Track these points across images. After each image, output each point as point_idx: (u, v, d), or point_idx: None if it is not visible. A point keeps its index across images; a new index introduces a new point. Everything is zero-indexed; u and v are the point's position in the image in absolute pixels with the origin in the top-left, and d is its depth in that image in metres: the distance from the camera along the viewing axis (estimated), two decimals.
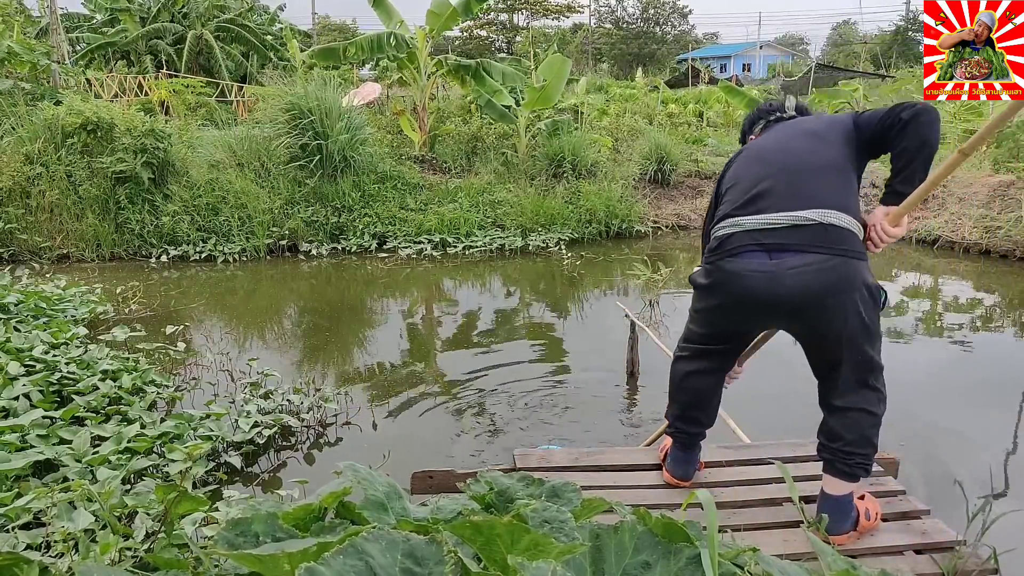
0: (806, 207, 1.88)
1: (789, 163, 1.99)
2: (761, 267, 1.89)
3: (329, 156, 8.30)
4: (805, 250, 1.85)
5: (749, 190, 1.99)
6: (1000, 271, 7.07)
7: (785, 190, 1.93)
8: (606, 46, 45.05)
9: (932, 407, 3.80)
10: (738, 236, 1.95)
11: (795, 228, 1.87)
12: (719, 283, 2.01)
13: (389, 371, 4.39)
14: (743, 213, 1.96)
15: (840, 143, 2.00)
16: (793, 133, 2.10)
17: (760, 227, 1.91)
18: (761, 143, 2.17)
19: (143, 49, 19.11)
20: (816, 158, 1.97)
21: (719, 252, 2.00)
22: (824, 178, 1.94)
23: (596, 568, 0.99)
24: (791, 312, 1.94)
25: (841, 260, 1.85)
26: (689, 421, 2.32)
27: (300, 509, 1.06)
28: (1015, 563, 2.06)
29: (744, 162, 2.13)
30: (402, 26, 9.75)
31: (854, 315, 1.88)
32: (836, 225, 1.86)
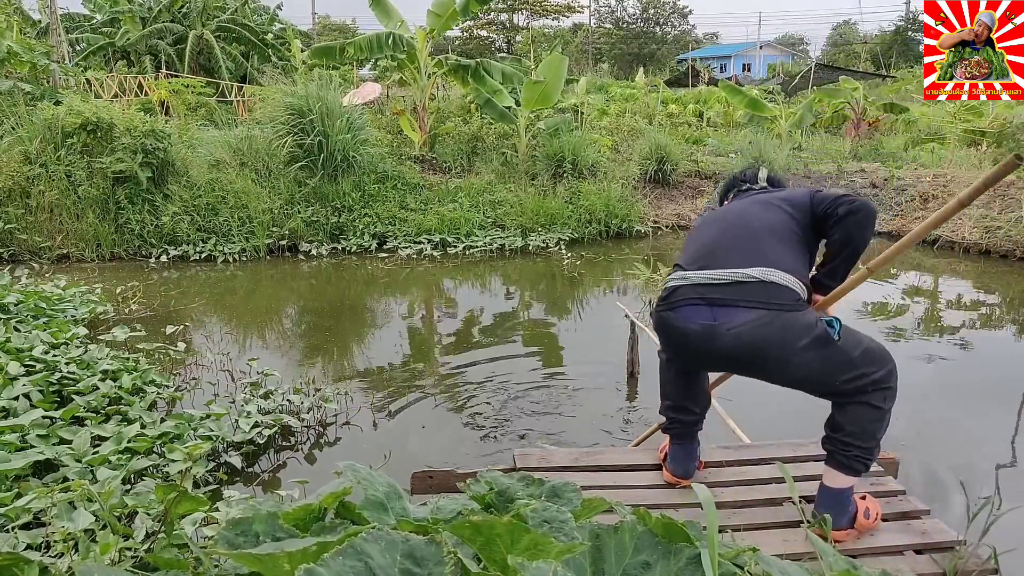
0: (750, 265, 1.98)
1: (741, 226, 2.12)
2: (702, 324, 1.99)
3: (329, 156, 8.30)
4: (745, 306, 1.94)
5: (700, 248, 2.14)
6: (1000, 271, 7.07)
7: (732, 249, 2.05)
8: (606, 46, 45.06)
9: (932, 407, 3.80)
10: (683, 289, 2.06)
11: (737, 284, 1.97)
12: (665, 335, 2.17)
13: (389, 371, 4.39)
14: (691, 268, 2.09)
15: (793, 213, 2.12)
16: (753, 201, 2.24)
17: (704, 282, 2.01)
18: (724, 209, 2.33)
19: (143, 49, 19.12)
20: (766, 223, 2.10)
21: (665, 304, 2.11)
22: (771, 240, 2.04)
23: (596, 568, 0.99)
24: (736, 365, 2.09)
25: (777, 315, 1.92)
26: (680, 410, 2.36)
27: (300, 509, 1.06)
28: (1015, 563, 2.06)
29: (704, 222, 2.30)
30: (402, 26, 9.75)
31: (803, 361, 1.94)
32: (776, 283, 1.94)
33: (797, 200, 2.16)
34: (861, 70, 21.97)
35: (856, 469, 2.05)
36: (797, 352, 1.91)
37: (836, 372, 1.97)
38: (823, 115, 14.79)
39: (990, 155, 10.30)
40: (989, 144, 10.80)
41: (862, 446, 2.03)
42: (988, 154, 10.46)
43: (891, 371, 2.07)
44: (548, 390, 4.03)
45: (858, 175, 10.23)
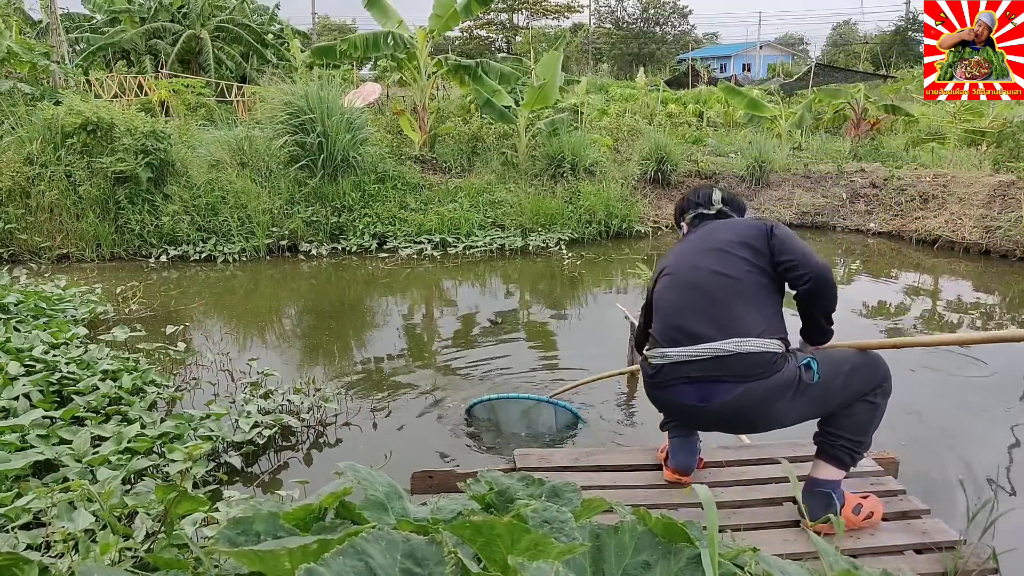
0: (725, 335, 2.01)
1: (706, 289, 2.11)
2: (691, 403, 2.08)
3: (329, 156, 8.30)
4: (726, 380, 2.00)
5: (671, 316, 2.16)
6: (1000, 271, 7.07)
7: (703, 319, 2.07)
8: (606, 46, 45.06)
9: (932, 407, 3.80)
10: (667, 369, 2.11)
11: (714, 360, 2.01)
12: (659, 406, 2.27)
13: (389, 371, 4.39)
14: (667, 343, 2.12)
15: (755, 260, 2.12)
16: (709, 248, 2.20)
17: (683, 359, 2.06)
18: (683, 259, 2.26)
19: (143, 49, 19.11)
20: (729, 284, 2.09)
21: (653, 382, 2.18)
22: (737, 305, 2.06)
23: (596, 568, 0.99)
24: (733, 428, 2.23)
25: (759, 383, 1.98)
26: None
27: (301, 509, 1.06)
28: (1015, 563, 2.06)
29: (668, 283, 2.26)
30: (401, 26, 9.75)
31: (792, 410, 2.03)
32: (752, 352, 1.99)
33: (755, 245, 2.14)
34: (861, 70, 21.96)
35: (844, 462, 2.09)
36: (784, 406, 2.01)
37: (828, 402, 2.06)
38: (823, 115, 14.80)
39: (990, 155, 10.30)
40: (989, 144, 10.80)
41: (852, 439, 2.07)
42: (988, 154, 10.46)
43: (883, 374, 2.10)
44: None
45: (858, 175, 10.23)
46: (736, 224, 2.28)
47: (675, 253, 2.36)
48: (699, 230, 2.34)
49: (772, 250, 2.11)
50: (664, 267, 2.33)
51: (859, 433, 2.06)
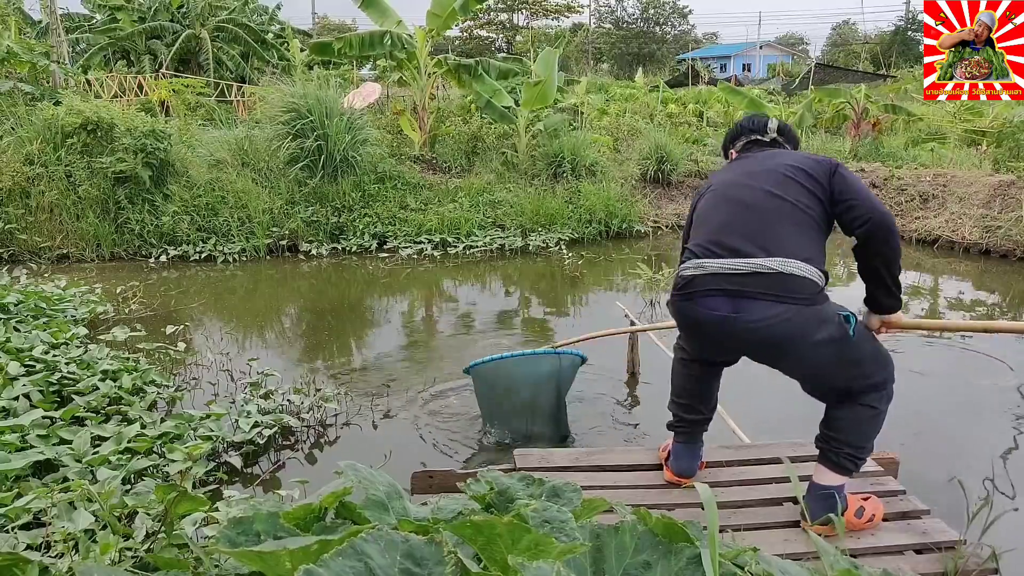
0: (768, 255, 1.91)
1: (756, 206, 2.00)
2: (723, 315, 1.94)
3: (329, 156, 8.30)
4: (765, 299, 1.88)
5: (714, 231, 2.03)
6: (1000, 271, 7.07)
7: (749, 235, 1.96)
8: (606, 46, 45.06)
9: (933, 407, 3.80)
10: (700, 279, 1.99)
11: (756, 275, 1.89)
12: (683, 322, 2.13)
13: (390, 371, 4.39)
14: (706, 255, 2.00)
15: (813, 190, 2.00)
16: (767, 170, 2.08)
17: (722, 271, 1.94)
18: (733, 178, 2.15)
19: (142, 49, 19.11)
20: (782, 206, 1.98)
21: (682, 293, 2.05)
22: (787, 226, 1.96)
23: (597, 568, 0.99)
24: (753, 354, 2.06)
25: (799, 310, 1.88)
26: (689, 409, 2.34)
27: (301, 509, 1.06)
28: (1015, 563, 2.06)
29: (714, 199, 2.15)
30: (400, 25, 9.74)
31: (819, 356, 1.94)
32: (796, 275, 1.89)
33: (817, 176, 2.01)
34: (861, 70, 21.96)
35: (847, 468, 2.07)
36: (814, 346, 1.90)
37: (845, 369, 1.97)
38: (823, 115, 14.79)
39: (990, 155, 10.30)
40: (989, 144, 10.79)
41: (855, 445, 2.04)
42: (988, 154, 10.46)
43: (891, 374, 2.08)
44: None
45: (858, 175, 10.23)
46: (796, 154, 2.15)
47: (723, 173, 2.23)
48: (753, 155, 2.22)
49: (832, 187, 1.98)
50: (709, 185, 2.22)
51: (862, 439, 2.04)
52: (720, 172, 2.29)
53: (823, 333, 1.90)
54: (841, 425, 2.05)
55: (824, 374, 2.00)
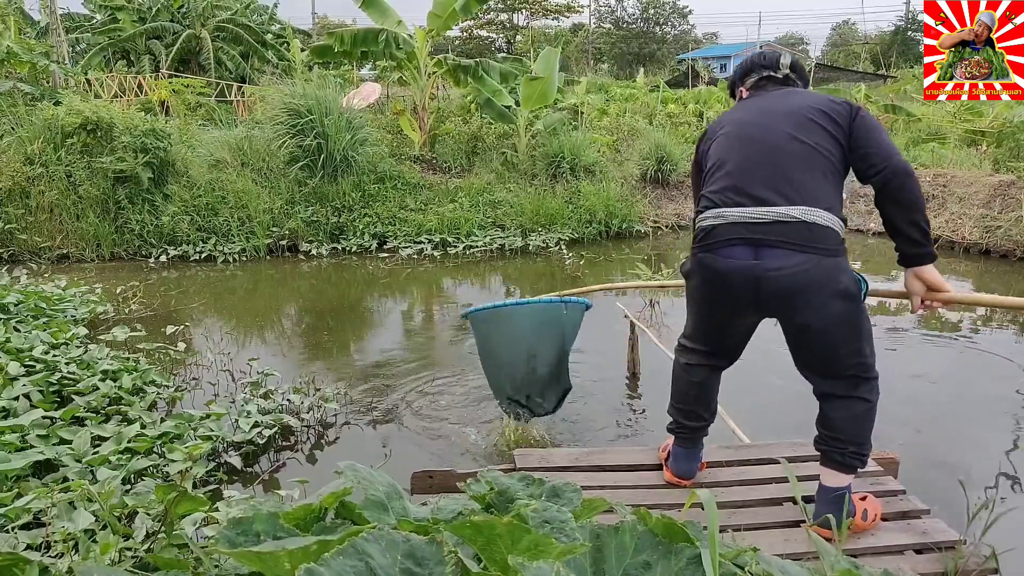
0: (790, 203, 1.87)
1: (777, 149, 1.94)
2: (743, 264, 1.91)
3: (329, 156, 8.30)
4: (788, 248, 1.86)
5: (734, 177, 1.97)
6: (1000, 271, 7.07)
7: (770, 181, 1.91)
8: (606, 46, 45.05)
9: (932, 406, 3.80)
10: (721, 228, 1.95)
11: (778, 224, 1.87)
12: (703, 276, 2.05)
13: (390, 371, 4.39)
14: (726, 204, 1.95)
15: (834, 133, 1.94)
16: (784, 111, 2.01)
17: (743, 220, 1.91)
18: (750, 118, 2.06)
19: (142, 49, 19.11)
20: (803, 150, 1.92)
21: (703, 244, 2.01)
22: (809, 172, 1.91)
23: (596, 568, 0.99)
24: (771, 306, 1.97)
25: (818, 259, 1.86)
26: (689, 415, 2.32)
27: (301, 509, 1.06)
28: (1015, 563, 2.06)
29: (728, 141, 2.06)
30: (400, 25, 9.75)
31: (832, 310, 1.90)
32: (819, 224, 1.86)
33: (839, 120, 1.94)
34: (861, 70, 21.96)
35: (853, 467, 2.06)
36: (829, 298, 1.88)
37: (849, 336, 1.95)
38: None
39: (990, 155, 10.30)
40: (989, 144, 10.79)
41: (857, 442, 2.04)
42: (988, 154, 10.46)
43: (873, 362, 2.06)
44: None
45: None
46: (815, 95, 2.06)
47: (737, 112, 2.13)
48: (767, 93, 2.12)
49: (852, 130, 1.93)
50: (720, 126, 2.12)
51: (861, 435, 2.04)
52: (732, 111, 2.18)
53: (840, 285, 1.88)
54: (839, 424, 2.04)
55: (831, 336, 1.95)
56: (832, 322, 1.92)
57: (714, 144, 2.10)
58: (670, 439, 2.46)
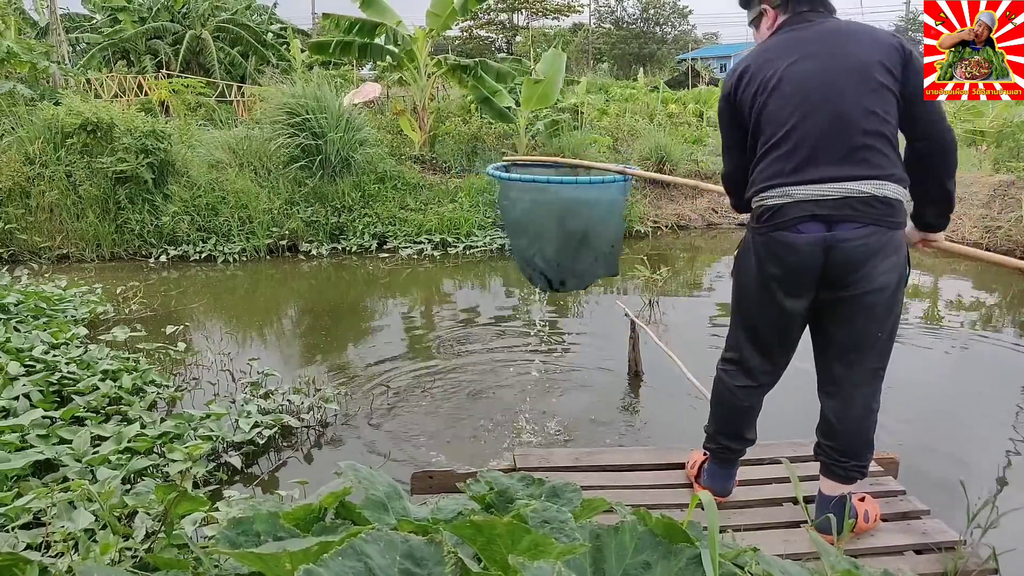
0: (859, 177, 1.79)
1: (846, 120, 1.81)
2: (815, 239, 1.84)
3: (329, 156, 8.30)
4: (857, 221, 1.81)
5: (802, 151, 1.84)
6: (1000, 271, 7.06)
7: (840, 156, 1.81)
8: (606, 46, 45.04)
9: (933, 407, 3.80)
10: (788, 208, 1.85)
11: (848, 199, 1.80)
12: (769, 252, 1.93)
13: (389, 371, 4.39)
14: (792, 181, 1.84)
15: (893, 98, 1.83)
16: (848, 67, 1.83)
17: (812, 198, 1.82)
18: (809, 69, 1.86)
19: (143, 49, 19.12)
20: (875, 121, 1.81)
21: (770, 224, 1.90)
22: (879, 141, 1.81)
23: (596, 568, 0.99)
24: (831, 276, 1.89)
25: (885, 231, 1.82)
26: (733, 438, 2.22)
27: (301, 509, 1.06)
28: (1015, 563, 2.06)
29: (790, 101, 1.86)
30: (400, 26, 9.75)
31: (886, 281, 1.86)
32: (889, 198, 1.81)
33: (894, 69, 1.82)
34: None
35: (854, 479, 2.05)
36: (887, 269, 1.85)
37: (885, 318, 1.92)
38: None
39: (990, 155, 10.30)
40: (989, 144, 10.79)
41: (860, 457, 2.02)
42: (988, 154, 10.45)
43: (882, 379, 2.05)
44: (550, 389, 4.03)
45: None
46: (865, 33, 1.88)
47: (789, 53, 1.89)
48: (812, 27, 1.91)
49: (904, 82, 1.82)
50: (774, 72, 1.88)
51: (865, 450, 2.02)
52: (779, 48, 1.92)
53: (899, 258, 1.87)
54: (840, 435, 2.01)
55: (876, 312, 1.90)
56: (882, 296, 1.88)
57: (772, 100, 1.89)
58: (696, 454, 2.39)
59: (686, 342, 4.60)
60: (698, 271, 7.63)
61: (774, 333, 2.07)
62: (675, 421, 3.59)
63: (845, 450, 2.02)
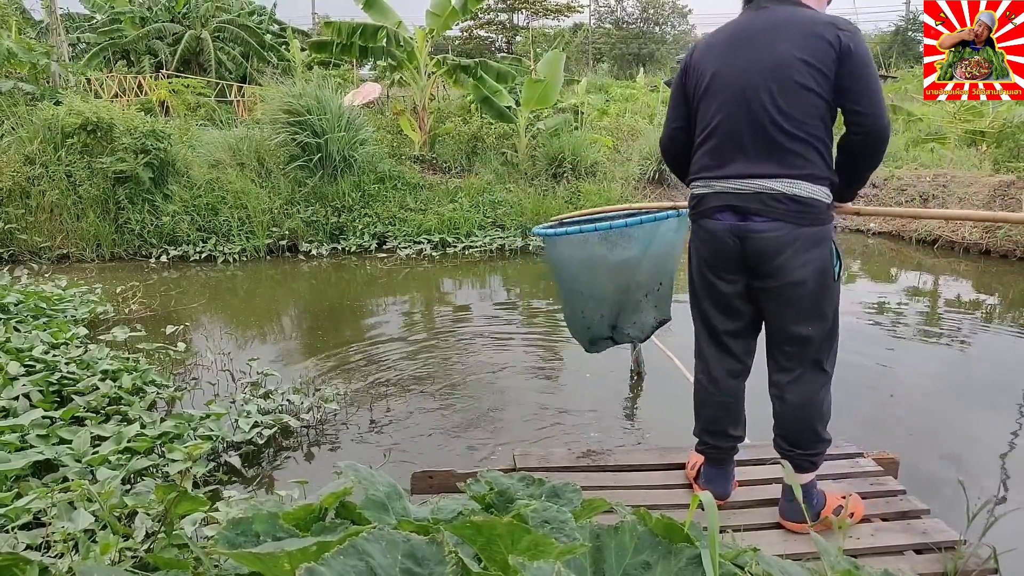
0: (772, 176, 1.89)
1: (761, 117, 1.89)
2: (729, 227, 1.98)
3: (329, 156, 8.30)
4: (767, 215, 1.92)
5: (720, 146, 1.98)
6: (1000, 271, 7.07)
7: (754, 151, 1.92)
8: (606, 46, 45.04)
9: (933, 406, 3.80)
10: (709, 198, 2.02)
11: (760, 195, 1.91)
12: (698, 238, 2.12)
13: (389, 371, 4.39)
14: (712, 174, 2.00)
15: (820, 99, 1.87)
16: (769, 65, 1.89)
17: (728, 191, 1.97)
18: (734, 65, 1.95)
19: (143, 49, 19.12)
20: (790, 122, 1.87)
21: (696, 212, 2.10)
22: (791, 141, 1.88)
23: (596, 568, 0.99)
24: (751, 265, 2.00)
25: (798, 229, 1.90)
26: (718, 435, 2.25)
27: (301, 509, 1.06)
28: (1015, 563, 2.06)
29: (715, 97, 1.98)
30: (400, 26, 9.75)
31: (802, 275, 1.93)
32: (800, 196, 1.89)
33: (823, 68, 1.84)
34: None
35: (805, 468, 2.09)
36: (801, 265, 1.92)
37: (814, 313, 1.98)
38: None
39: (990, 155, 10.30)
40: (989, 144, 10.79)
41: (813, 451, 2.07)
42: (988, 154, 10.46)
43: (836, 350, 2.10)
44: (550, 389, 4.03)
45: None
46: (801, 27, 1.89)
47: (725, 43, 2.01)
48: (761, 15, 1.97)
49: (839, 77, 1.85)
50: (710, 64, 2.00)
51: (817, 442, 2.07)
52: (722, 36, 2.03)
53: (814, 255, 1.92)
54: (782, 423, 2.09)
55: (800, 305, 1.97)
56: (804, 289, 1.95)
57: (704, 98, 2.03)
58: (695, 456, 2.40)
59: (686, 342, 4.61)
60: None
61: (718, 316, 2.16)
62: (675, 421, 3.58)
63: (788, 438, 2.08)
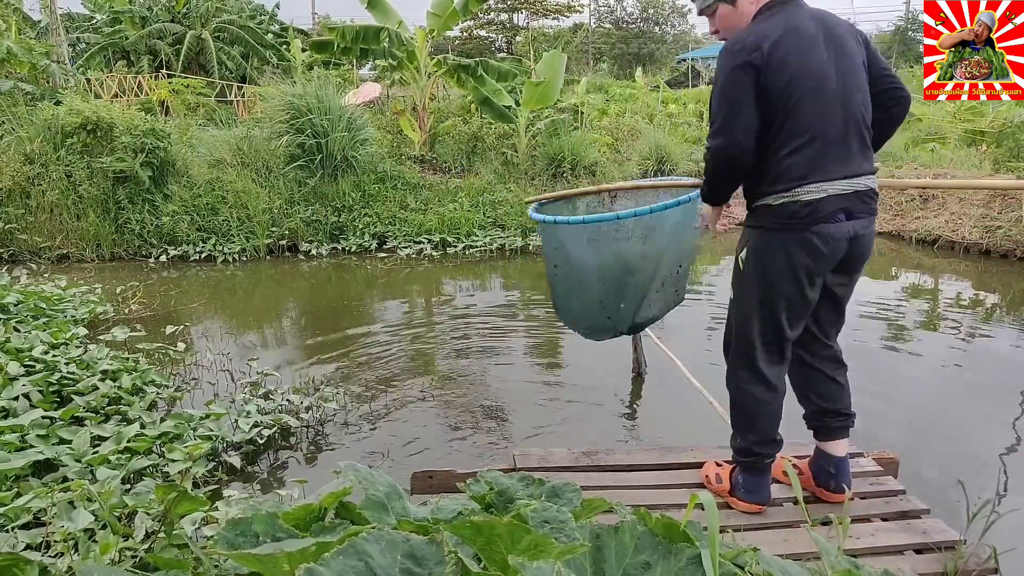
0: (865, 173, 1.98)
1: (856, 116, 1.97)
2: (847, 230, 1.99)
3: (329, 156, 8.30)
4: (867, 214, 2.01)
5: (829, 149, 1.94)
6: (1000, 271, 7.07)
7: (852, 150, 1.97)
8: (606, 46, 45.03)
9: (932, 406, 3.79)
10: (826, 202, 1.94)
11: (859, 193, 1.97)
12: (812, 247, 1.97)
13: (389, 371, 4.39)
14: (827, 177, 1.94)
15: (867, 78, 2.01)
16: (847, 60, 1.95)
17: (840, 193, 1.96)
18: (820, 64, 1.91)
19: (143, 49, 19.12)
20: (866, 112, 1.99)
21: (807, 218, 1.95)
22: (869, 136, 2.00)
23: (596, 568, 0.99)
24: (845, 264, 2.07)
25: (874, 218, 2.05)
26: (769, 444, 2.20)
27: (300, 509, 1.06)
28: (1015, 563, 2.06)
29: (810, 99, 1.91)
30: (401, 26, 9.75)
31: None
32: (876, 190, 2.02)
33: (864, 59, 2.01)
34: None
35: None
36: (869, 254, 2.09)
37: None
38: None
39: (990, 155, 10.30)
40: (989, 144, 10.79)
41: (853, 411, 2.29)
42: (988, 154, 10.46)
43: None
44: (551, 389, 4.03)
45: None
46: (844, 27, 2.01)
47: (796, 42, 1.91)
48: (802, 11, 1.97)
49: (869, 63, 1.99)
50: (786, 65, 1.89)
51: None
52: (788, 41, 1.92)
53: None
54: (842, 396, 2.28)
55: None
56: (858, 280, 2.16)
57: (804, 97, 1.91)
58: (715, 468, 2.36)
59: (686, 342, 4.61)
60: (698, 271, 7.63)
61: (796, 326, 2.14)
62: (676, 422, 3.58)
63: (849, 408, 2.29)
